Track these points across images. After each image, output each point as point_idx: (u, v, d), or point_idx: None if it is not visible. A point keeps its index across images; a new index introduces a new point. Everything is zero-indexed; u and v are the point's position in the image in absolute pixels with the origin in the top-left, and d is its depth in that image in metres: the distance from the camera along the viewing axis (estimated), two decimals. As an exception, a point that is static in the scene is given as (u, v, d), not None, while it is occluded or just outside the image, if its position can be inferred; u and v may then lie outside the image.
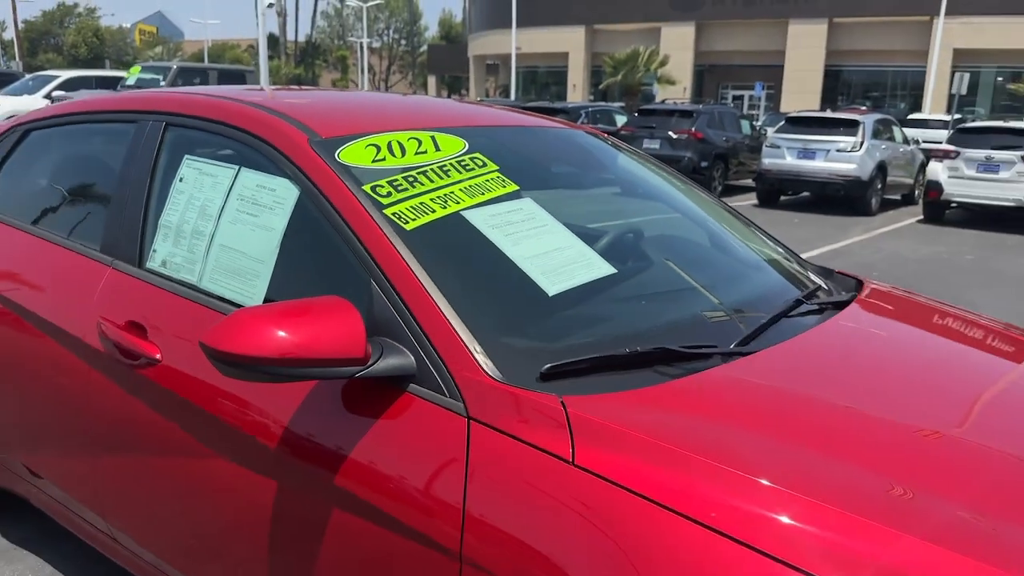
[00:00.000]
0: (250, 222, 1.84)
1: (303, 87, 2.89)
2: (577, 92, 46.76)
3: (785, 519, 1.16)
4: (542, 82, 52.45)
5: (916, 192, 14.77)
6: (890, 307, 2.21)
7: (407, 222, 1.67)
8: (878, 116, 14.57)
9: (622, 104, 25.20)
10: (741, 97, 42.76)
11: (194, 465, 1.77)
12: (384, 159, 1.84)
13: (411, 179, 1.80)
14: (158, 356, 1.83)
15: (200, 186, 1.97)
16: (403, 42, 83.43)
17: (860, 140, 13.11)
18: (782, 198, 14.45)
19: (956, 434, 1.52)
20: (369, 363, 1.45)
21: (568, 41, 47.15)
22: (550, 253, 1.78)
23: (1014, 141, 12.05)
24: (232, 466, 1.69)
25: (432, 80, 68.35)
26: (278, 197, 1.81)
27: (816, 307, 2.00)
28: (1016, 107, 34.65)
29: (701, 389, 1.49)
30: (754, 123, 18.69)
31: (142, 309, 1.93)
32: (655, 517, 1.20)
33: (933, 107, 34.29)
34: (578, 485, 1.27)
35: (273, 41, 77.36)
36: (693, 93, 41.06)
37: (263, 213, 1.82)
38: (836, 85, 41.65)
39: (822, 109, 32.06)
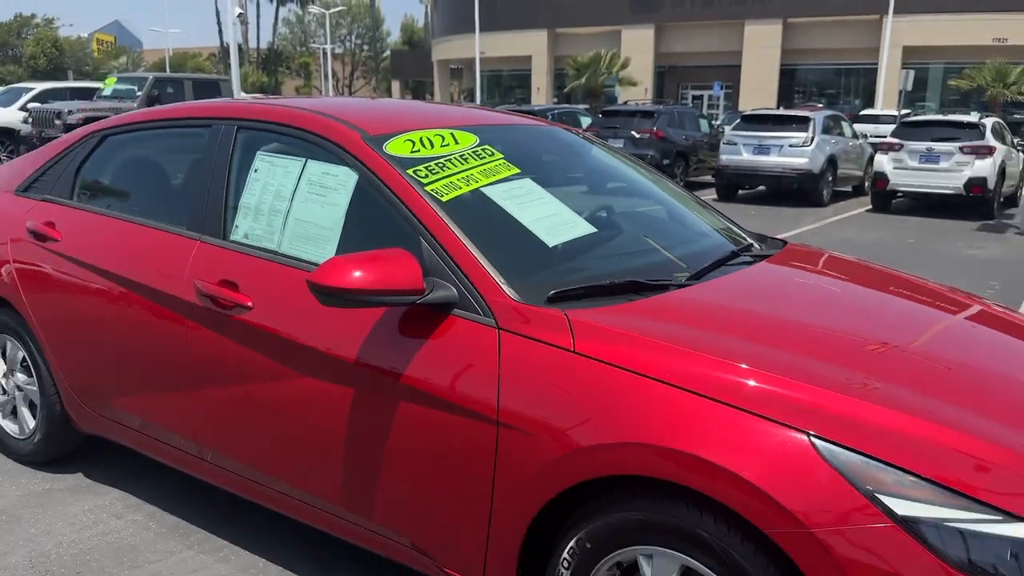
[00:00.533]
0: (319, 200, 2.41)
1: (360, 96, 3.45)
2: (541, 95, 47.50)
3: (729, 377, 1.77)
4: (506, 85, 53.12)
5: (866, 183, 15.62)
6: (805, 257, 2.85)
7: (442, 195, 2.26)
8: (828, 112, 15.42)
9: (587, 106, 25.95)
10: (701, 97, 43.82)
11: (284, 385, 2.34)
12: (419, 150, 2.43)
13: (441, 165, 2.39)
14: (250, 304, 2.40)
15: (273, 175, 2.54)
16: (366, 47, 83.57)
17: (811, 136, 13.92)
18: (740, 192, 15.22)
19: (848, 329, 2.14)
20: (426, 293, 2.04)
21: (531, 45, 47.89)
22: (548, 218, 2.38)
23: (953, 133, 12.94)
24: (316, 382, 2.26)
25: (396, 85, 68.68)
26: (340, 181, 2.39)
27: (749, 258, 2.63)
28: (963, 101, 36.09)
29: (660, 304, 2.11)
30: (712, 121, 19.49)
31: (232, 270, 2.49)
32: (633, 381, 1.81)
33: (885, 103, 35.51)
34: (578, 364, 1.87)
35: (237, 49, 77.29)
36: (654, 94, 41.98)
37: (329, 193, 2.40)
38: (792, 83, 42.87)
39: (778, 107, 33.16)
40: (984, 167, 12.49)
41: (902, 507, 1.54)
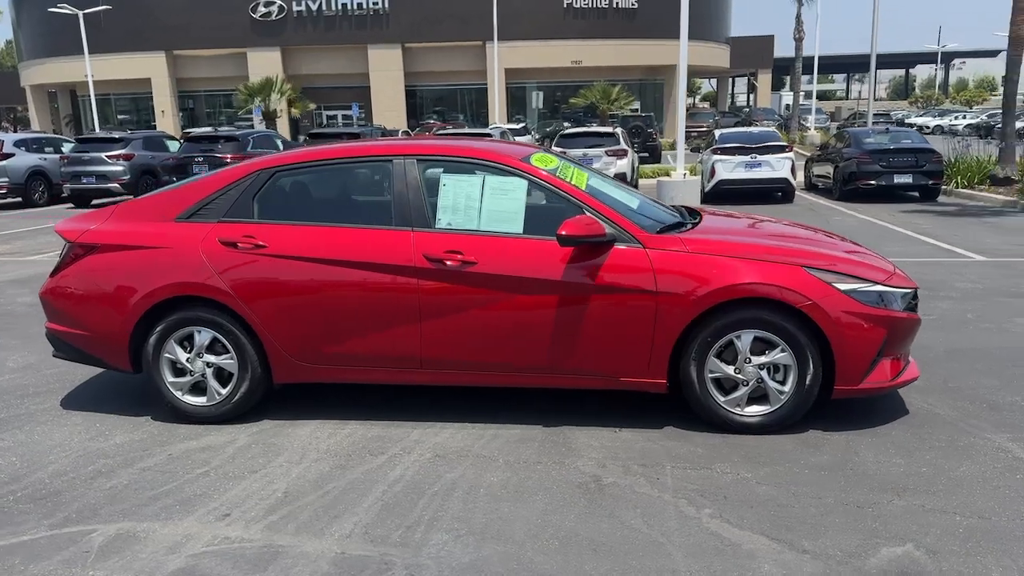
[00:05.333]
0: (504, 198, 4.19)
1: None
2: (167, 118, 45.71)
3: (755, 249, 4.04)
4: (123, 109, 49.86)
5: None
6: (724, 214, 5.27)
7: (580, 186, 4.23)
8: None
9: (267, 130, 26.75)
10: (335, 117, 46.03)
11: (506, 303, 4.06)
12: (545, 163, 4.34)
13: (561, 171, 4.34)
14: (474, 260, 4.09)
15: (459, 186, 4.23)
16: (-84, 72, 70.96)
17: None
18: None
19: (773, 231, 4.55)
20: (606, 236, 4.01)
21: (148, 67, 45.72)
22: (620, 195, 4.47)
23: (599, 141, 16.94)
24: (533, 296, 4.05)
25: (-33, 114, 59.87)
26: (515, 185, 4.21)
27: (700, 215, 4.97)
28: (552, 115, 43.29)
29: (702, 229, 4.34)
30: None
31: (450, 244, 4.12)
32: (719, 259, 4.01)
33: (499, 118, 41.12)
34: (689, 256, 4.03)
35: None
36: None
37: (509, 193, 4.19)
38: (415, 102, 47.15)
39: (410, 125, 36.65)
40: (624, 164, 16.63)
41: (841, 287, 3.99)
